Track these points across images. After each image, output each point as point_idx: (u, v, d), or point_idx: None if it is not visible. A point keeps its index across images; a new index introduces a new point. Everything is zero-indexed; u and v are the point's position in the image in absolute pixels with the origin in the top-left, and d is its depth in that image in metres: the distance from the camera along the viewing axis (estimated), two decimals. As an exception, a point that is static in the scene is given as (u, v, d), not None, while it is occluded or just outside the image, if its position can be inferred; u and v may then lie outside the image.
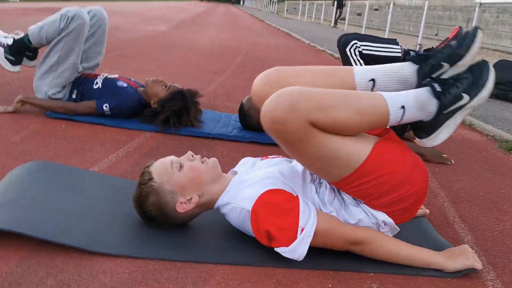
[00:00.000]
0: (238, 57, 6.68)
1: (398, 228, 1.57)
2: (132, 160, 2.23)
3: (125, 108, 2.76)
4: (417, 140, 1.62)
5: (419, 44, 2.27)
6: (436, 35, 17.37)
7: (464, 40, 1.55)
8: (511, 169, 2.73)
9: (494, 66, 4.80)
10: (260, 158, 1.72)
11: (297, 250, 1.40)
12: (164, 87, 2.77)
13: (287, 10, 33.26)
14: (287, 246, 1.41)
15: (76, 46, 2.73)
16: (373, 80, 1.58)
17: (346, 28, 16.45)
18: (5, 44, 2.81)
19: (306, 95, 1.38)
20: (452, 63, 1.55)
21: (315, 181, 1.57)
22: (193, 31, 10.68)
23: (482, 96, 1.49)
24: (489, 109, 4.30)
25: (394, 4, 11.88)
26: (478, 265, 1.48)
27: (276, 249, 1.43)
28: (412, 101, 1.47)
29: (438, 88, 1.48)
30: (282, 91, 1.39)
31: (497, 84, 4.73)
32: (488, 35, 14.83)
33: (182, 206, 1.51)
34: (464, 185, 2.37)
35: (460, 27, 1.67)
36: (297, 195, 1.47)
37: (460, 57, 1.53)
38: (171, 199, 1.50)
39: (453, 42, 1.55)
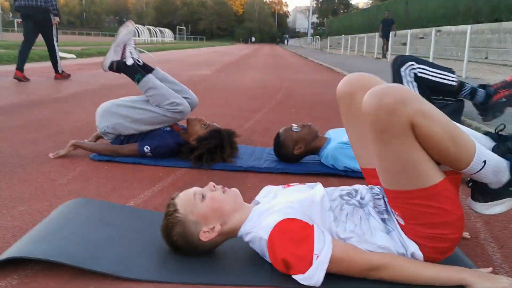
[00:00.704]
0: (278, 95, 6.83)
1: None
2: (167, 194, 2.36)
3: (164, 149, 2.93)
4: (469, 201, 1.66)
5: (503, 124, 2.24)
6: (486, 58, 16.93)
7: None
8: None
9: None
10: (282, 186, 1.79)
11: (313, 277, 1.44)
12: (203, 125, 2.93)
13: (330, 46, 33.60)
14: (303, 274, 1.45)
15: (157, 125, 2.98)
16: None
17: (389, 58, 16.39)
18: (124, 58, 3.02)
19: (419, 98, 1.44)
20: None
21: (335, 209, 1.60)
22: (236, 73, 11.03)
23: None
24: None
25: (439, 31, 11.78)
26: (507, 286, 1.45)
27: (293, 277, 1.47)
28: (493, 163, 1.51)
29: None
30: (398, 85, 1.47)
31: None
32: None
33: (206, 235, 1.59)
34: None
35: None
36: (313, 224, 1.52)
37: None
38: (195, 229, 1.59)
39: None
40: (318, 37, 42.29)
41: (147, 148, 2.90)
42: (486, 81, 9.26)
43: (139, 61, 3.08)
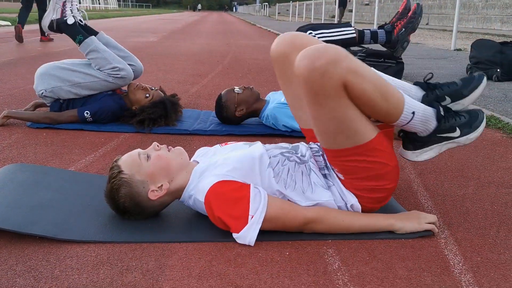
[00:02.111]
0: (225, 60, 6.76)
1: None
2: (110, 159, 2.31)
3: (105, 113, 2.84)
4: (401, 150, 1.73)
5: (430, 73, 2.32)
6: (427, 24, 17.43)
7: (470, 82, 1.70)
8: (482, 141, 2.79)
9: (472, 45, 4.89)
10: (219, 145, 1.79)
11: (246, 236, 1.48)
12: (146, 96, 2.86)
13: (279, 13, 33.41)
14: (238, 233, 1.48)
15: (97, 90, 2.87)
16: None
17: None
18: (65, 17, 2.88)
19: (349, 57, 1.45)
20: (454, 100, 1.68)
21: (275, 166, 1.63)
22: (183, 40, 10.79)
23: (471, 137, 1.63)
24: (469, 88, 4.36)
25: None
26: (429, 226, 1.55)
27: (233, 234, 1.50)
28: (421, 112, 1.57)
29: (442, 113, 1.60)
30: (330, 45, 1.47)
31: (476, 63, 4.81)
32: (477, 20, 14.88)
33: (154, 193, 1.58)
34: (433, 158, 2.43)
35: (408, 0, 1.76)
36: (249, 184, 1.54)
37: (462, 96, 1.67)
38: (143, 188, 1.57)
39: (459, 81, 1.69)
40: (267, 3, 41.88)
41: (87, 113, 2.81)
42: (427, 45, 9.55)
43: (81, 22, 2.95)
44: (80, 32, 2.87)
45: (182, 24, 19.56)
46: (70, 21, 2.88)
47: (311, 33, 2.83)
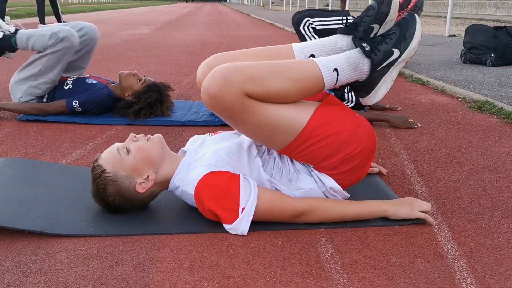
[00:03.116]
0: (218, 51, 6.72)
1: (347, 194, 1.62)
2: (100, 152, 2.28)
3: (94, 103, 2.80)
4: (361, 100, 1.68)
5: (344, 16, 2.33)
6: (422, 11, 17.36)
7: None
8: (477, 126, 2.78)
9: (466, 31, 4.85)
10: (209, 134, 1.77)
11: (239, 228, 1.46)
12: (138, 80, 2.83)
13: (273, 2, 33.23)
14: (230, 224, 1.47)
15: (58, 65, 2.82)
16: (312, 55, 1.63)
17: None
18: None
19: (238, 69, 1.43)
20: (381, 22, 1.59)
21: (262, 155, 1.61)
22: (176, 31, 10.71)
23: (412, 47, 1.54)
24: (462, 73, 4.35)
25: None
26: (421, 215, 1.53)
27: (224, 225, 1.49)
28: (344, 63, 1.52)
29: (367, 47, 1.54)
30: (216, 68, 1.44)
31: (470, 48, 4.79)
32: (472, 5, 14.84)
33: (142, 186, 1.55)
34: (427, 144, 2.42)
35: None
36: (239, 174, 1.51)
37: (385, 14, 1.57)
38: (130, 183, 1.54)
39: (373, 3, 1.59)
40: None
41: (75, 102, 2.78)
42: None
43: (10, 31, 2.90)
44: (9, 37, 2.85)
45: (175, 16, 19.42)
46: None
47: (308, 19, 2.78)
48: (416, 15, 1.57)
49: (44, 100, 2.87)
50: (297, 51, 1.65)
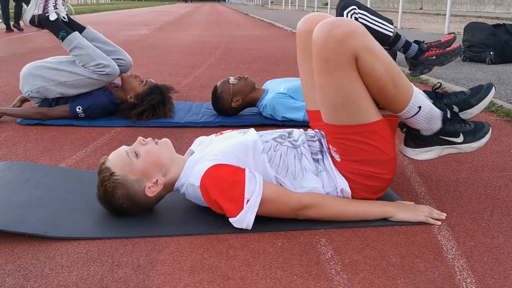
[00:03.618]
0: (217, 51, 6.72)
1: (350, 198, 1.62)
2: (100, 154, 2.29)
3: (98, 108, 2.82)
4: (401, 146, 1.74)
5: (439, 82, 2.31)
6: (421, 8, 17.36)
7: (478, 92, 1.72)
8: (476, 124, 2.78)
9: (465, 29, 4.86)
10: (215, 134, 1.77)
11: (243, 220, 1.47)
12: (140, 82, 2.84)
13: (271, 2, 33.20)
14: (235, 217, 1.47)
15: (84, 89, 2.83)
16: None
17: (329, 11, 16.43)
18: (47, 13, 2.83)
19: (368, 35, 1.46)
20: (462, 109, 1.71)
21: (268, 151, 1.62)
22: (175, 32, 10.71)
23: (474, 145, 1.65)
24: (462, 71, 4.35)
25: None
26: (424, 218, 1.54)
27: (229, 219, 1.49)
28: (427, 109, 1.57)
29: (448, 115, 1.61)
30: (350, 19, 1.49)
31: (469, 46, 4.79)
32: (471, 3, 14.83)
33: (151, 189, 1.56)
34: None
35: (455, 36, 1.76)
36: (244, 168, 1.52)
37: (470, 106, 1.70)
38: (139, 187, 1.54)
39: (467, 91, 1.71)
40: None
41: (79, 108, 2.78)
42: (420, 30, 9.51)
43: (65, 18, 2.90)
44: (63, 28, 2.82)
45: (174, 16, 19.41)
46: (52, 17, 2.83)
47: (355, 8, 2.79)
48: (490, 130, 1.68)
49: (49, 101, 2.85)
50: None
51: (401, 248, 1.41)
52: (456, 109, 1.71)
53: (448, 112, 1.62)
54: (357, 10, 2.87)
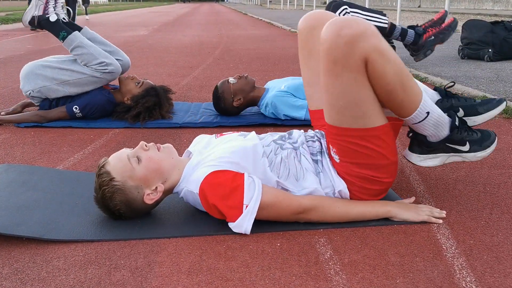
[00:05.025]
0: (216, 51, 6.70)
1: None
2: (98, 156, 2.28)
3: (94, 107, 2.80)
4: (405, 151, 1.71)
5: (453, 82, 2.26)
6: (419, 6, 17.34)
7: (488, 102, 1.71)
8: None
9: (463, 26, 4.85)
10: (215, 135, 1.76)
11: (242, 225, 1.46)
12: (137, 83, 2.83)
13: (270, 1, 33.18)
14: (234, 222, 1.46)
15: (87, 87, 2.82)
16: None
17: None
18: (47, 14, 2.83)
19: (379, 36, 1.41)
20: (468, 114, 1.70)
21: (268, 155, 1.60)
22: (174, 32, 10.69)
23: (479, 155, 1.62)
24: (460, 69, 4.34)
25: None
26: (426, 218, 1.53)
27: (228, 224, 1.48)
28: (435, 115, 1.54)
29: (456, 123, 1.58)
30: (361, 19, 1.43)
31: (467, 44, 4.78)
32: (469, 0, 14.82)
33: (150, 197, 1.54)
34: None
35: (446, 11, 1.75)
36: (243, 173, 1.50)
37: (477, 113, 1.69)
38: (138, 193, 1.53)
39: (478, 100, 1.71)
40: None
41: (76, 108, 2.77)
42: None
43: (64, 20, 2.89)
44: (63, 28, 2.81)
45: (173, 17, 19.39)
46: (52, 18, 2.82)
47: (346, 8, 2.79)
48: (496, 139, 1.64)
49: (50, 99, 2.84)
50: None
51: (400, 247, 1.40)
52: (461, 112, 1.68)
53: (457, 119, 1.59)
54: (349, 9, 2.87)
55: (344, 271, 1.29)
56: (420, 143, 1.64)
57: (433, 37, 3.51)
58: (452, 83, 1.75)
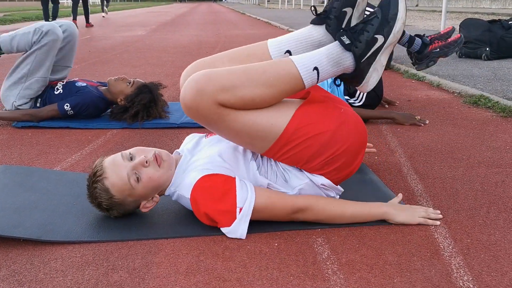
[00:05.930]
0: (214, 51, 6.70)
1: (341, 188, 1.61)
2: (96, 157, 2.27)
3: (86, 105, 2.79)
4: (357, 88, 1.58)
5: (313, 6, 2.17)
6: (417, 5, 17.35)
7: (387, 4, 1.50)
8: (472, 121, 2.78)
9: (460, 25, 4.85)
10: (205, 135, 1.76)
11: (237, 230, 1.45)
12: (128, 83, 2.82)
13: (268, 1, 33.17)
14: (229, 227, 1.46)
15: (47, 60, 2.81)
16: (288, 51, 1.59)
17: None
18: None
19: (210, 78, 1.40)
20: (352, 5, 1.53)
21: (256, 158, 1.59)
22: (172, 32, 10.69)
23: (397, 30, 1.44)
24: (458, 68, 4.34)
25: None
26: (422, 220, 1.52)
27: (221, 229, 1.47)
28: (324, 60, 1.46)
29: (346, 41, 1.46)
30: (190, 78, 1.42)
31: (464, 43, 4.78)
32: (467, -1, 14.84)
33: (146, 206, 1.57)
34: (423, 141, 2.42)
35: (453, 27, 1.64)
36: (234, 177, 1.50)
37: (391, 17, 1.46)
38: (135, 205, 1.57)
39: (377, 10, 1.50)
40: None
41: (67, 105, 2.77)
42: (416, 27, 9.51)
43: None
44: None
45: (171, 17, 19.38)
46: None
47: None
48: None
49: (38, 105, 2.85)
50: (272, 48, 1.61)
51: (397, 247, 1.40)
52: (349, 10, 1.50)
53: (344, 37, 1.44)
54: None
55: (341, 270, 1.29)
56: (348, 81, 1.54)
57: (438, 49, 3.52)
58: (313, 8, 1.58)
